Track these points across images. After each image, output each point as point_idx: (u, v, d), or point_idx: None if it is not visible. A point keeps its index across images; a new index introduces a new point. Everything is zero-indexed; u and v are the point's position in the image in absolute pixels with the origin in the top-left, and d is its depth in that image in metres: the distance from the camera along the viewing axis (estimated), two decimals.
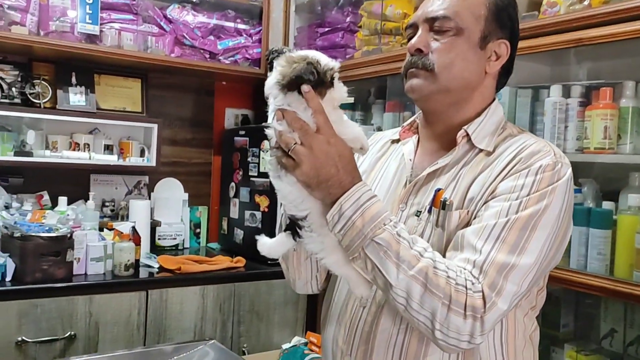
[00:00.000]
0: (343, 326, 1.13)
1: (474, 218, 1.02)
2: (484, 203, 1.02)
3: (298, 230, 1.02)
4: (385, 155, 1.26)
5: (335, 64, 0.99)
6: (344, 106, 2.82)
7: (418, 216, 1.09)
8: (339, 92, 0.99)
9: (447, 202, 1.05)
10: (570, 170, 1.03)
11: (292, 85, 0.95)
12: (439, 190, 1.07)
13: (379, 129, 2.50)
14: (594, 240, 1.61)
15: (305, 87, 0.94)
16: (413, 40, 1.10)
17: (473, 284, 0.93)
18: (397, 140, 1.25)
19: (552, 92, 1.77)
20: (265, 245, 1.08)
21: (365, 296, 1.07)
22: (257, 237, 1.09)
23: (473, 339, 0.92)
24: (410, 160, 1.17)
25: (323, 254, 1.03)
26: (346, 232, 0.96)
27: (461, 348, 0.95)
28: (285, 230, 1.05)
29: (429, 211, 1.07)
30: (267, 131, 1.00)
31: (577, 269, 1.64)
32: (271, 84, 0.98)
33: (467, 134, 1.09)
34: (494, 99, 1.15)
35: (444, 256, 1.01)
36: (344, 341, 1.12)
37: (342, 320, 1.14)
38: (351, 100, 1.09)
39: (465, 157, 1.09)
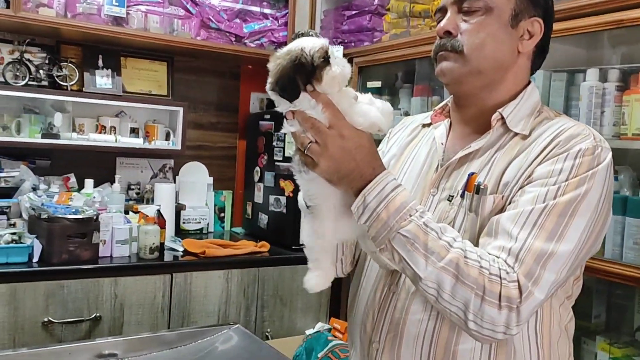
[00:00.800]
0: (371, 312, 1.11)
1: (509, 203, 0.98)
2: (520, 188, 0.98)
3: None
4: (416, 139, 1.22)
5: (321, 42, 0.92)
6: (371, 90, 2.77)
7: (450, 201, 1.06)
8: (338, 69, 0.92)
9: (481, 186, 1.01)
10: (610, 154, 0.98)
11: (290, 94, 0.91)
12: (472, 174, 1.04)
13: (407, 114, 2.45)
14: (630, 229, 1.56)
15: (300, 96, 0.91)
16: (442, 23, 1.07)
17: (508, 273, 0.90)
18: (429, 125, 1.21)
19: (588, 76, 1.70)
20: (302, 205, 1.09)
21: (309, 289, 1.05)
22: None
23: (509, 330, 0.89)
24: (442, 144, 1.13)
25: (305, 234, 1.04)
26: (372, 224, 0.94)
27: (496, 339, 0.92)
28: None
29: (462, 195, 1.04)
30: (284, 130, 0.97)
31: (612, 258, 1.58)
32: (268, 90, 0.94)
33: (502, 117, 1.05)
34: (529, 82, 1.11)
35: (477, 242, 0.97)
36: (372, 327, 1.10)
37: (370, 306, 1.11)
38: (348, 74, 0.97)
39: (499, 140, 1.05)
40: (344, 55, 2.62)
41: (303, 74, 0.90)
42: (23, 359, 1.43)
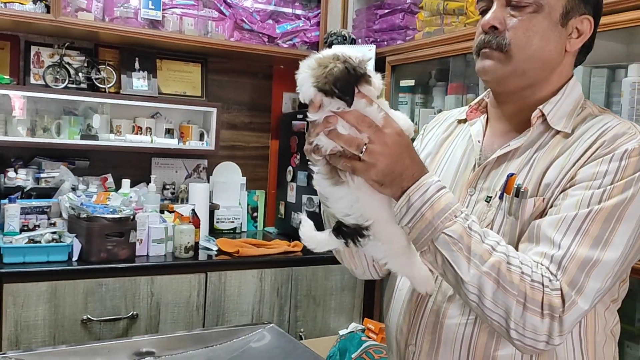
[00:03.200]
0: (407, 314, 1.09)
1: (551, 207, 0.94)
2: (562, 191, 0.94)
3: (359, 238, 0.95)
4: (452, 136, 1.18)
5: (365, 53, 0.93)
6: (404, 89, 2.73)
7: (488, 202, 1.02)
8: (377, 81, 0.92)
9: (521, 189, 0.97)
10: None
11: (346, 92, 0.88)
12: (511, 175, 1.00)
13: (440, 112, 2.43)
14: None
15: (363, 87, 0.89)
16: (487, 16, 1.01)
17: (550, 280, 0.87)
18: (464, 120, 1.17)
19: (630, 71, 1.65)
20: (313, 239, 1.03)
21: (429, 292, 1.03)
22: (301, 219, 1.05)
23: (551, 340, 0.87)
24: (479, 141, 1.09)
25: (387, 259, 0.99)
26: (415, 225, 0.91)
27: (538, 349, 0.89)
28: (334, 232, 0.98)
29: (500, 197, 1.00)
30: (319, 142, 0.91)
31: None
32: (312, 91, 0.90)
33: (543, 114, 1.02)
34: (571, 76, 1.07)
35: (516, 247, 0.95)
36: (407, 330, 1.08)
37: (406, 308, 1.10)
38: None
39: (540, 139, 1.01)
40: (377, 54, 2.60)
41: (354, 79, 0.89)
42: (63, 356, 1.45)
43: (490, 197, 1.02)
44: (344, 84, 0.88)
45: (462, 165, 1.11)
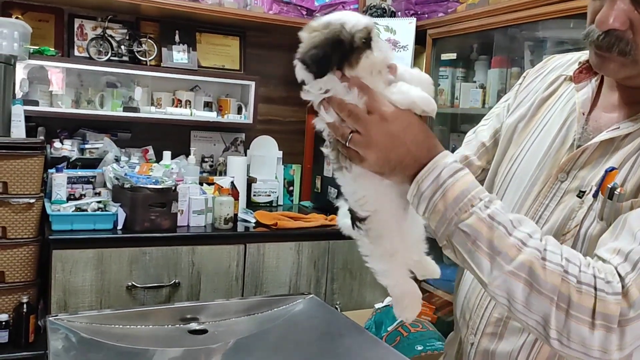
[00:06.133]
0: (472, 301, 1.00)
1: None
2: None
3: (356, 225, 0.85)
4: (554, 96, 0.99)
5: (367, 21, 0.77)
6: (445, 63, 2.67)
7: (580, 197, 0.86)
8: (380, 54, 0.78)
9: (615, 191, 0.81)
10: None
11: (318, 68, 0.78)
12: (611, 170, 0.83)
13: (482, 87, 2.39)
14: None
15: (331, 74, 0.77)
16: (606, 13, 0.81)
17: (609, 283, 0.72)
18: (571, 79, 0.98)
19: None
20: (342, 223, 0.95)
21: (407, 319, 0.91)
22: (339, 208, 0.95)
23: (606, 355, 0.72)
24: (584, 114, 0.91)
25: (370, 259, 0.89)
26: (430, 217, 0.78)
27: None
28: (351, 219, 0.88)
29: (595, 195, 0.84)
30: (317, 124, 0.83)
31: None
32: (296, 61, 0.81)
33: None
34: None
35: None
36: (469, 316, 1.00)
37: (471, 294, 1.01)
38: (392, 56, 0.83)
39: None
40: (417, 27, 2.57)
41: (338, 53, 0.77)
42: (110, 320, 1.50)
43: (584, 193, 0.86)
44: (317, 54, 0.77)
45: (559, 140, 0.93)
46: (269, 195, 2.96)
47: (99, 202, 2.17)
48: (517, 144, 1.01)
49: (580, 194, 0.86)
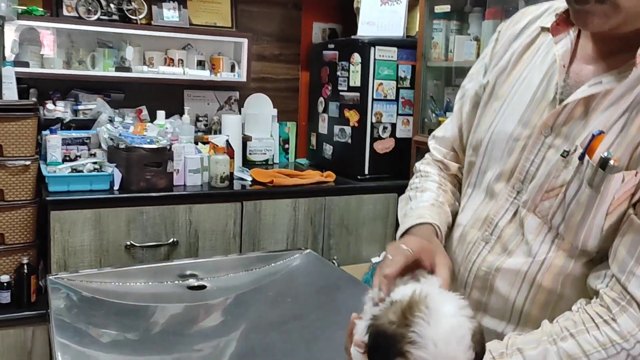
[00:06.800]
0: (460, 256, 1.00)
1: None
2: None
3: None
4: (533, 47, 0.96)
5: (413, 334, 0.68)
6: (438, 15, 2.62)
7: (565, 157, 0.85)
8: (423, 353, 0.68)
9: (610, 162, 0.79)
10: None
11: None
12: (599, 133, 0.81)
13: (476, 39, 2.36)
14: None
15: None
16: None
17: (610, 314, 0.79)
18: (548, 30, 0.93)
19: None
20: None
21: None
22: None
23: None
24: (564, 66, 0.88)
25: None
26: None
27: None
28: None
29: (581, 158, 0.82)
30: None
31: None
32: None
33: None
34: None
35: (593, 222, 0.83)
36: (458, 271, 0.99)
37: (458, 247, 1.00)
38: None
39: None
40: None
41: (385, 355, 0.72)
42: (110, 278, 1.52)
43: (568, 152, 0.85)
44: (373, 351, 0.73)
45: (540, 94, 0.91)
46: (265, 154, 2.97)
47: (95, 163, 2.18)
48: (498, 97, 0.99)
49: (565, 153, 0.85)
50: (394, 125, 2.69)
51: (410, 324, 0.68)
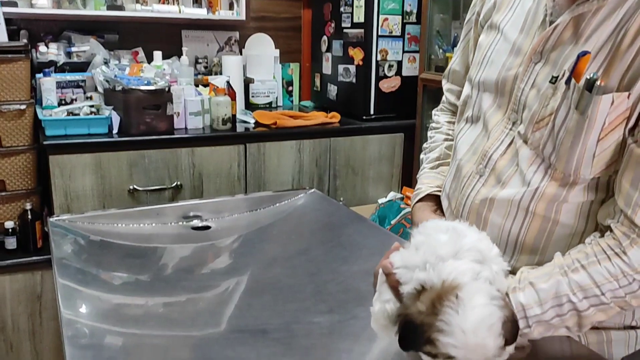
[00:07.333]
0: (454, 188, 1.00)
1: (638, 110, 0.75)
2: None
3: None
4: None
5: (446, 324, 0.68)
6: None
7: (553, 83, 0.82)
8: (450, 342, 0.68)
9: (596, 82, 0.75)
10: None
11: (400, 340, 0.73)
12: (583, 54, 0.78)
13: None
14: None
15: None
16: None
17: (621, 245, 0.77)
18: None
19: None
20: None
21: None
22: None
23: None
24: None
25: None
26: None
27: None
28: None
29: (567, 82, 0.80)
30: None
31: None
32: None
33: None
34: None
35: (583, 148, 0.80)
36: (454, 204, 1.00)
37: (454, 180, 1.01)
38: None
39: (634, 3, 0.77)
40: None
41: (413, 340, 0.73)
42: (114, 219, 1.49)
43: (557, 78, 0.82)
44: (402, 339, 0.73)
45: (530, 19, 0.90)
46: (268, 96, 2.89)
47: (92, 106, 2.11)
48: (492, 26, 0.98)
49: (553, 80, 0.83)
50: (399, 63, 2.59)
51: (439, 313, 0.68)
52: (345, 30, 2.61)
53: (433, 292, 0.71)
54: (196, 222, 1.52)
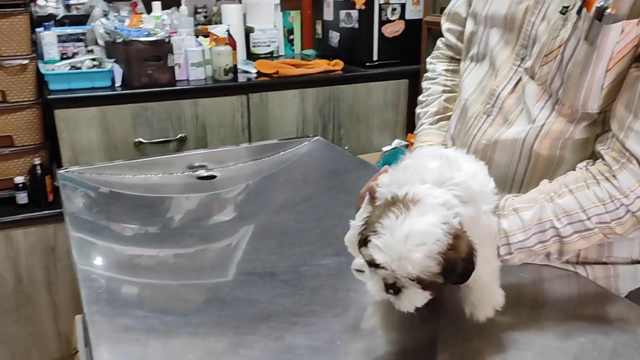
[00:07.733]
0: (460, 128, 1.00)
1: None
2: None
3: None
4: None
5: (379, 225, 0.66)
6: None
7: (564, 14, 0.82)
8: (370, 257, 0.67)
9: (606, 12, 0.75)
10: None
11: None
12: None
13: None
14: None
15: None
16: None
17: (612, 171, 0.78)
18: None
19: None
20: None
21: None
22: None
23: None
24: None
25: None
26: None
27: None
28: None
29: (578, 12, 0.79)
30: None
31: None
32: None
33: None
34: None
35: (591, 80, 0.79)
36: (460, 145, 0.99)
37: (459, 120, 1.00)
38: None
39: None
40: None
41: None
42: (121, 170, 1.52)
43: (567, 8, 0.81)
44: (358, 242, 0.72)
45: None
46: (269, 46, 2.85)
47: (94, 59, 2.10)
48: None
49: (564, 10, 0.81)
50: (403, 6, 2.54)
51: (384, 217, 0.65)
52: None
53: (392, 201, 0.68)
54: (202, 172, 1.55)
